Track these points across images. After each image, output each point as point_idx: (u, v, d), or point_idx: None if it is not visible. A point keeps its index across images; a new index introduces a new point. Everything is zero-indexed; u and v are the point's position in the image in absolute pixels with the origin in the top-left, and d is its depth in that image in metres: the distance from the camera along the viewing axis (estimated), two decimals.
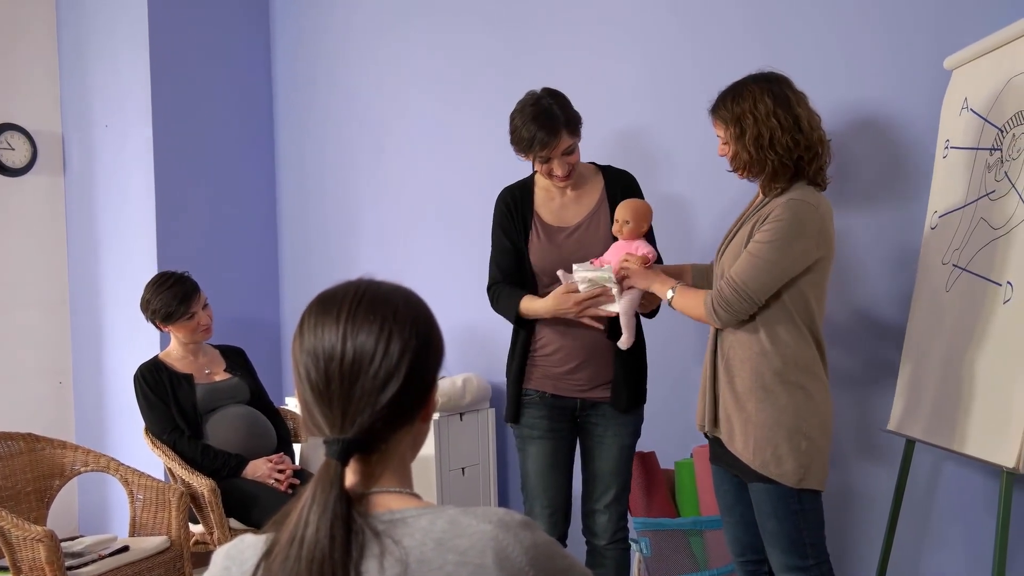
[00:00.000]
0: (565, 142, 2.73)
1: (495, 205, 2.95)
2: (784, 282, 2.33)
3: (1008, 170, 2.41)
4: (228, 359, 3.83)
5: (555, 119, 2.72)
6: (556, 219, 2.87)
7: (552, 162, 2.75)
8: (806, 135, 2.35)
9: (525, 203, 2.89)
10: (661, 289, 2.58)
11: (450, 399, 3.74)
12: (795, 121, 2.34)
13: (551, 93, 2.79)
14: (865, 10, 3.03)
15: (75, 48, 4.80)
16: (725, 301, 2.35)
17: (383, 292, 1.21)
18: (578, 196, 2.88)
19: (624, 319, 2.69)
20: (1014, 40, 2.49)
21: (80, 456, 3.56)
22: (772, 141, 2.33)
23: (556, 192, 2.88)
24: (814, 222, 2.31)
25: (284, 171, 4.92)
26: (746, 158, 2.38)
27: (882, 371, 3.01)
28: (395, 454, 1.20)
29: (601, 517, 2.88)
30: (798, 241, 2.30)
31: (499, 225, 2.92)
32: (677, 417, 3.44)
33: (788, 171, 2.36)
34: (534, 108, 2.74)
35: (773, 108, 2.33)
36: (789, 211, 2.30)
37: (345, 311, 1.17)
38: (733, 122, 2.38)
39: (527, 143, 2.73)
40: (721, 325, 2.41)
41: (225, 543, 1.24)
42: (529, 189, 2.92)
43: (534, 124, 2.71)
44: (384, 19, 4.43)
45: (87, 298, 4.79)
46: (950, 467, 2.93)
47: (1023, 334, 2.21)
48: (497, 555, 1.11)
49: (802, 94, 2.41)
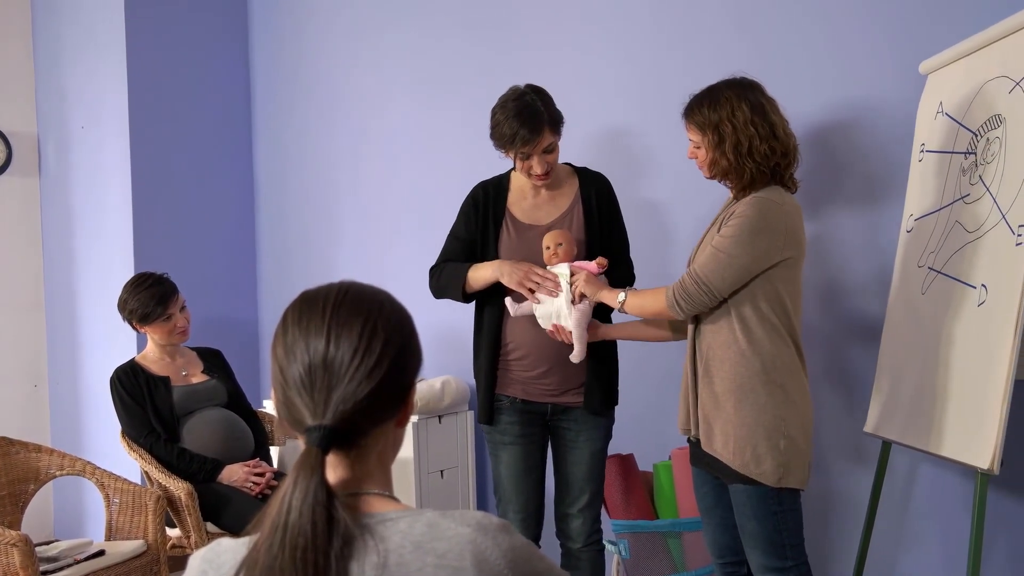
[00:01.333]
0: (547, 140, 2.71)
1: (467, 196, 2.93)
2: (746, 278, 2.35)
3: (982, 174, 2.43)
4: (206, 361, 3.80)
5: (538, 116, 2.69)
6: (528, 217, 2.86)
7: (532, 159, 2.73)
8: (782, 142, 2.38)
9: (498, 199, 2.88)
10: (610, 296, 2.62)
11: (428, 402, 3.74)
12: (771, 128, 2.37)
13: (535, 89, 2.76)
14: (842, 15, 3.05)
15: (51, 49, 4.76)
16: (686, 292, 2.38)
17: (366, 292, 1.23)
18: (552, 196, 2.87)
19: (576, 332, 2.69)
20: (988, 45, 2.51)
21: (55, 460, 3.53)
22: (751, 149, 2.35)
23: (530, 191, 2.87)
24: (779, 220, 2.34)
25: (262, 173, 4.90)
26: (725, 165, 2.40)
27: (859, 373, 3.03)
28: (373, 453, 1.21)
29: (575, 521, 2.88)
30: (761, 237, 2.32)
31: (462, 215, 2.91)
32: (655, 419, 3.45)
33: (765, 178, 2.39)
34: (517, 104, 2.70)
35: (751, 116, 2.36)
36: (753, 208, 2.33)
37: (330, 307, 1.19)
38: (711, 129, 2.39)
39: (508, 139, 2.70)
40: (682, 316, 2.45)
41: (202, 547, 1.24)
42: (504, 186, 2.91)
43: (517, 120, 2.67)
44: (363, 22, 4.42)
45: (63, 300, 4.76)
46: (926, 468, 2.95)
47: (997, 336, 2.23)
48: (476, 558, 1.11)
49: (773, 100, 2.43)
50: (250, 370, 4.74)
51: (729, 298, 2.39)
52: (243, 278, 4.90)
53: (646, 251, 3.24)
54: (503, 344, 2.85)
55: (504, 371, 2.85)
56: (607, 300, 2.62)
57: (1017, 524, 2.81)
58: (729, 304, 2.39)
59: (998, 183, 2.34)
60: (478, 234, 2.87)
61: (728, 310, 2.40)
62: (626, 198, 3.07)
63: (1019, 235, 2.21)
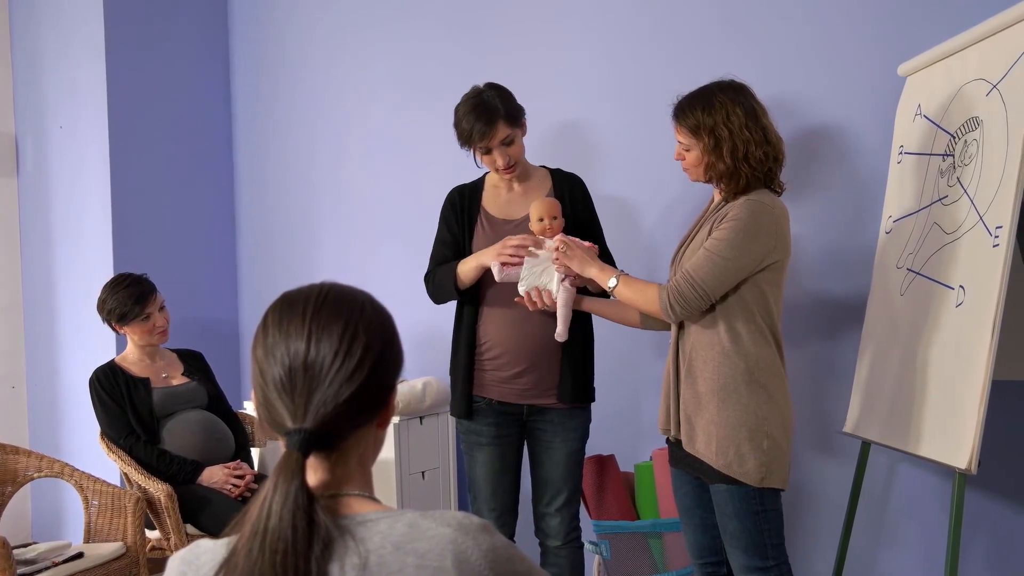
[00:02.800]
0: (503, 132, 2.80)
1: (444, 201, 3.01)
2: (739, 280, 2.36)
3: (960, 176, 2.45)
4: (186, 363, 3.78)
5: (493, 110, 2.79)
6: (502, 212, 2.92)
7: (493, 152, 2.82)
8: (774, 146, 2.40)
9: (473, 199, 2.95)
10: (601, 276, 2.58)
11: (409, 403, 3.73)
12: (764, 133, 2.38)
13: (493, 87, 2.87)
14: (821, 17, 3.07)
15: (29, 48, 4.73)
16: (681, 295, 2.37)
17: (347, 294, 1.23)
18: (526, 191, 2.93)
19: (561, 311, 2.71)
20: (965, 48, 2.53)
21: (33, 461, 3.50)
22: (747, 154, 2.36)
23: (504, 188, 2.94)
24: (771, 223, 2.35)
25: (242, 174, 4.88)
26: (723, 169, 2.40)
27: (838, 374, 3.05)
28: (354, 455, 1.20)
29: (553, 520, 2.90)
30: (755, 240, 2.33)
31: (443, 218, 2.99)
32: (636, 420, 3.46)
33: (759, 182, 2.39)
34: (474, 100, 2.83)
35: (745, 121, 2.37)
36: (746, 211, 2.34)
37: (311, 309, 1.19)
38: (707, 133, 2.39)
39: (467, 134, 2.82)
40: (674, 320, 2.44)
41: (182, 548, 1.23)
42: (478, 188, 2.99)
43: (472, 116, 2.79)
44: (344, 24, 4.40)
45: (41, 301, 4.72)
46: (905, 468, 2.97)
47: (974, 337, 2.25)
48: (456, 558, 1.11)
49: (762, 104, 2.44)
50: (231, 371, 4.71)
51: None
52: (223, 279, 4.88)
53: (626, 251, 3.24)
54: (478, 344, 2.86)
55: (480, 372, 2.87)
56: (598, 279, 2.59)
57: (994, 523, 2.83)
58: (715, 304, 2.40)
59: (976, 185, 2.36)
60: (461, 235, 2.91)
61: (713, 310, 2.40)
62: (604, 197, 3.08)
63: (996, 236, 2.22)
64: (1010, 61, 2.30)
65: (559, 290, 2.69)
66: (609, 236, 3.00)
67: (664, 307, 2.41)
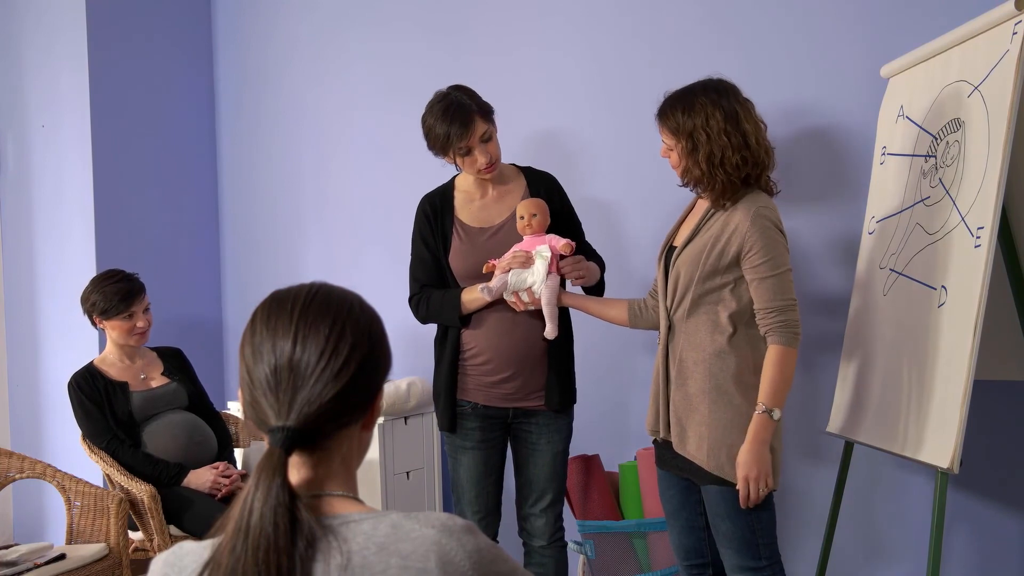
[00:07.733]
0: (481, 127, 2.74)
1: (415, 214, 2.93)
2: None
3: (942, 177, 2.47)
4: (166, 362, 3.73)
5: (467, 108, 2.73)
6: (477, 220, 2.86)
7: (473, 153, 2.75)
8: (753, 152, 2.39)
9: (445, 208, 2.88)
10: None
11: (395, 403, 3.72)
12: (743, 138, 2.37)
13: (458, 87, 2.81)
14: (804, 18, 3.08)
15: (9, 45, 4.70)
16: (788, 325, 2.34)
17: (336, 294, 1.23)
18: (500, 195, 2.88)
19: (547, 309, 2.71)
20: (947, 49, 2.54)
21: (15, 462, 3.47)
22: (723, 160, 2.36)
23: (477, 193, 2.88)
24: (779, 225, 2.39)
25: (226, 173, 4.87)
26: (698, 174, 2.41)
27: (822, 374, 3.06)
28: (337, 455, 1.20)
29: (538, 520, 2.89)
30: (781, 246, 2.38)
31: (418, 233, 2.91)
32: (621, 419, 3.47)
33: (736, 188, 2.40)
34: (443, 103, 2.75)
35: (724, 126, 2.36)
36: (761, 227, 2.35)
37: (299, 308, 1.19)
38: (685, 136, 2.40)
39: (444, 139, 2.73)
40: (798, 343, 2.38)
41: (165, 550, 1.23)
42: (449, 195, 2.91)
43: (445, 118, 2.71)
44: (328, 26, 4.39)
45: (22, 301, 4.69)
46: (889, 468, 2.98)
47: (956, 337, 2.26)
48: (440, 559, 1.11)
49: (749, 103, 2.44)
50: (214, 371, 4.69)
51: (705, 301, 2.41)
52: (207, 278, 4.86)
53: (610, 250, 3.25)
54: (463, 348, 2.84)
55: (464, 376, 2.84)
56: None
57: (977, 522, 2.85)
58: (705, 306, 2.41)
59: (958, 186, 2.38)
60: (437, 248, 2.87)
61: (704, 312, 2.41)
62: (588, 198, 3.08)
63: (978, 237, 2.24)
64: (991, 63, 2.31)
65: (542, 288, 2.69)
66: (593, 237, 3.01)
67: (788, 341, 2.34)
